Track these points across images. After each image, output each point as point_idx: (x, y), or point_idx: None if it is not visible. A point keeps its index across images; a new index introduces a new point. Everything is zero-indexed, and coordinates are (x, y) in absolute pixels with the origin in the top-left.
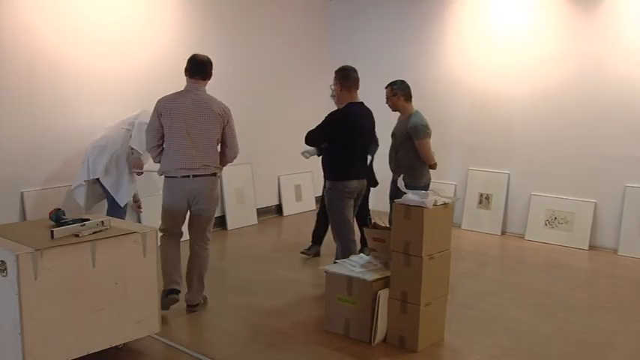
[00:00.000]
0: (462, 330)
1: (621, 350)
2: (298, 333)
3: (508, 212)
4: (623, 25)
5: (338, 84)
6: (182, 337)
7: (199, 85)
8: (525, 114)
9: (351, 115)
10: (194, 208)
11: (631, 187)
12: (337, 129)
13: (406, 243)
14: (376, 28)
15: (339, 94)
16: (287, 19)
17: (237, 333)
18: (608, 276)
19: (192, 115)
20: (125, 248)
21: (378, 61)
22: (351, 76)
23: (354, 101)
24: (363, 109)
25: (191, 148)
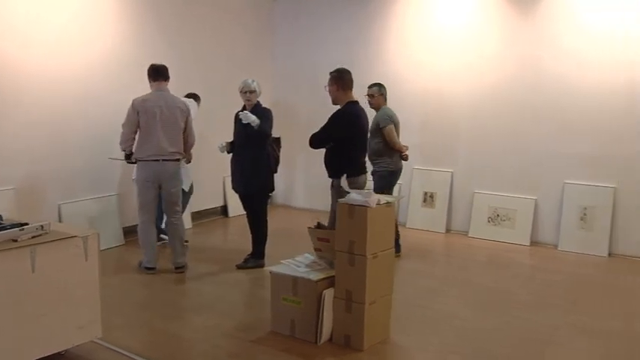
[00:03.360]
0: (408, 328)
1: (562, 344)
2: (244, 334)
3: (452, 210)
4: (560, 27)
5: (334, 85)
6: (125, 341)
7: (164, 86)
8: (468, 114)
9: (353, 112)
10: (164, 186)
11: (569, 183)
12: (343, 126)
13: (350, 242)
14: (321, 29)
15: (336, 95)
16: (230, 20)
17: (182, 335)
18: (549, 271)
19: (164, 111)
20: (66, 253)
21: (322, 61)
22: (347, 77)
23: (351, 100)
24: (360, 108)
25: (163, 139)
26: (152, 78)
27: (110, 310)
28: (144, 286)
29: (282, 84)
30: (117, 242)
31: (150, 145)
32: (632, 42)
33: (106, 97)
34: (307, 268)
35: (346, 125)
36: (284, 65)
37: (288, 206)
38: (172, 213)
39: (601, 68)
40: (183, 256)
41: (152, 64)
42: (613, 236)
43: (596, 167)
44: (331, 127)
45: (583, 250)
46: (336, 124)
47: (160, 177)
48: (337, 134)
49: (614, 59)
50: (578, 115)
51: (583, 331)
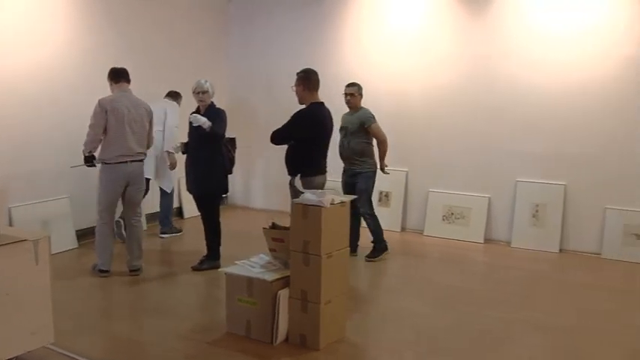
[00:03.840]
0: (364, 326)
1: (517, 339)
2: (200, 336)
3: (407, 209)
4: (510, 27)
5: (301, 85)
6: (78, 346)
7: (126, 87)
8: (422, 113)
9: (317, 113)
10: (130, 187)
11: (521, 181)
12: (304, 126)
13: (305, 242)
14: (275, 29)
15: (302, 95)
16: (184, 21)
17: (137, 339)
18: (503, 268)
19: (131, 111)
20: (16, 257)
21: (277, 62)
22: (313, 78)
23: (316, 101)
24: (325, 109)
25: (131, 139)
26: (114, 80)
27: (63, 314)
28: (98, 290)
29: (238, 84)
30: (70, 245)
31: (118, 146)
32: (581, 42)
33: (57, 99)
34: (262, 269)
35: (307, 125)
36: (239, 66)
37: (247, 207)
38: (134, 214)
39: (551, 68)
40: (140, 259)
41: (112, 68)
42: (564, 232)
43: (547, 165)
44: (292, 125)
45: (535, 247)
46: (298, 123)
47: (127, 178)
48: (298, 133)
49: (563, 59)
50: (530, 115)
51: (536, 327)
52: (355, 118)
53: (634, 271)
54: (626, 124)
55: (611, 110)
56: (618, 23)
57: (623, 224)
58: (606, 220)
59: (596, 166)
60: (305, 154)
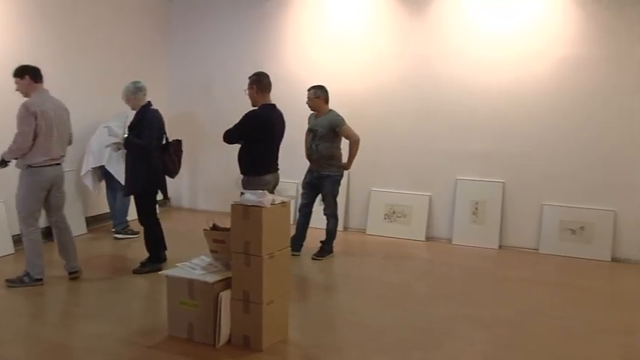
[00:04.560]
0: (307, 326)
1: (459, 334)
2: (141, 340)
3: (349, 208)
4: (449, 27)
5: (253, 87)
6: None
7: (44, 87)
8: (363, 113)
9: (267, 114)
10: (54, 190)
11: (461, 179)
12: (255, 127)
13: (246, 243)
14: (215, 30)
15: (254, 97)
16: (122, 20)
17: (77, 345)
18: (444, 265)
19: (56, 114)
20: None
21: (218, 63)
22: (264, 81)
23: (268, 102)
24: (276, 111)
25: (56, 142)
26: (34, 79)
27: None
28: (34, 296)
29: (180, 85)
30: (6, 251)
31: (46, 150)
32: (517, 43)
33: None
34: (203, 271)
35: (256, 126)
36: (181, 66)
37: (192, 209)
38: (62, 218)
39: (489, 68)
40: (77, 261)
41: (29, 65)
42: (503, 229)
43: (486, 163)
44: (242, 125)
45: (475, 244)
46: (247, 124)
47: (53, 181)
48: (246, 133)
49: (500, 59)
50: (468, 114)
51: (478, 322)
52: (325, 121)
53: (569, 265)
54: (561, 123)
55: (547, 109)
56: (552, 25)
57: (560, 220)
58: (543, 217)
59: (533, 163)
60: (256, 154)
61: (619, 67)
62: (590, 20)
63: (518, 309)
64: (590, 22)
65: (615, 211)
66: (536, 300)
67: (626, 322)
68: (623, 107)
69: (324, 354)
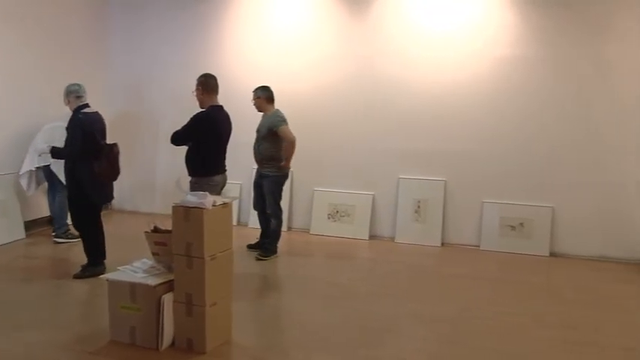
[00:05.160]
0: (251, 327)
1: (402, 331)
2: (82, 346)
3: (293, 208)
4: (390, 28)
5: (200, 89)
6: None
7: None
8: (306, 113)
9: (216, 116)
10: None
11: (403, 178)
12: (203, 128)
13: (188, 245)
14: (155, 28)
15: (201, 98)
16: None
17: (15, 352)
18: (388, 263)
19: None
20: None
21: (159, 61)
22: (211, 82)
23: (215, 104)
24: (224, 112)
25: None
26: None
27: None
28: None
29: (119, 86)
30: None
31: None
32: (456, 43)
33: None
34: (145, 274)
35: (205, 127)
36: (120, 67)
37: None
38: None
39: (429, 68)
40: None
41: None
42: (445, 227)
43: (428, 162)
44: (190, 127)
45: (418, 241)
46: (195, 125)
47: None
48: (195, 135)
49: (440, 59)
50: (410, 113)
51: (421, 319)
52: (266, 122)
53: (510, 260)
54: (501, 122)
55: (487, 109)
56: (490, 26)
57: (500, 217)
58: (484, 214)
59: (473, 162)
60: (205, 155)
61: (555, 68)
62: (525, 22)
63: (461, 305)
64: (526, 23)
65: (553, 207)
66: (478, 296)
67: (565, 316)
68: (560, 107)
69: (269, 355)
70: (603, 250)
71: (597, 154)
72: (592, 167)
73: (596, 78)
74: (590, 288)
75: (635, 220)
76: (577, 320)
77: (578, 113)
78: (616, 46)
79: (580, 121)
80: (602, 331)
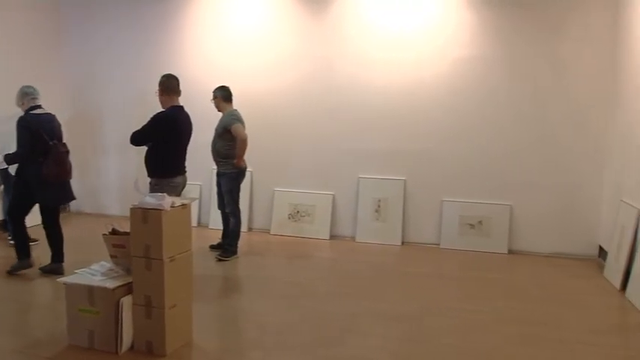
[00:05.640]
0: (211, 328)
1: (362, 330)
2: (39, 351)
3: (253, 208)
4: (349, 28)
5: (161, 89)
6: None
7: None
8: (265, 113)
9: (176, 116)
10: None
11: (363, 178)
12: (163, 128)
13: (146, 247)
14: (112, 28)
15: (161, 99)
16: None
17: None
18: (348, 262)
19: None
20: None
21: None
22: (172, 83)
23: (176, 105)
24: (184, 112)
25: None
26: None
27: None
28: None
29: (76, 87)
30: None
31: None
32: (415, 43)
33: None
34: (103, 277)
35: (164, 128)
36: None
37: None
38: None
39: (388, 68)
40: None
41: None
42: (405, 225)
43: (388, 161)
44: (149, 127)
45: (379, 241)
46: (155, 125)
47: None
48: (154, 135)
49: (399, 60)
50: (369, 113)
51: (381, 317)
52: (222, 121)
53: (469, 258)
54: (459, 121)
55: (445, 108)
56: (448, 26)
57: (459, 215)
58: (443, 212)
59: (432, 161)
60: (164, 156)
61: (512, 68)
62: (482, 22)
63: (422, 303)
64: (483, 23)
65: (511, 205)
66: (438, 294)
67: (524, 312)
68: (517, 107)
69: (229, 356)
70: (559, 247)
71: (553, 154)
72: (548, 166)
73: (551, 78)
74: (548, 284)
75: (590, 217)
76: (536, 316)
77: (534, 113)
78: (570, 46)
79: (537, 121)
80: (560, 326)
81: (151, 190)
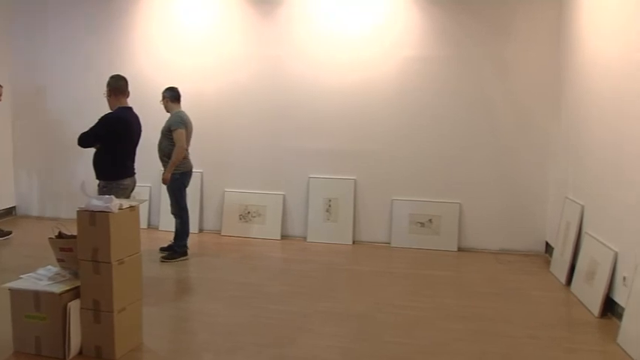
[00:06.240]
0: (161, 331)
1: (314, 329)
2: None
3: (204, 210)
4: (299, 29)
5: (109, 90)
6: None
7: None
8: (215, 113)
9: (124, 117)
10: None
11: (314, 178)
12: (111, 129)
13: (94, 250)
14: (59, 28)
15: (110, 100)
16: None
17: None
18: (299, 262)
19: None
20: None
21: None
22: (120, 84)
23: (124, 106)
24: (133, 113)
25: None
26: None
27: None
28: None
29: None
30: None
31: None
32: (364, 43)
33: None
34: (50, 281)
35: (113, 129)
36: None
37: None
38: None
39: (338, 68)
40: None
41: None
42: (356, 225)
43: (338, 161)
44: (97, 129)
45: (330, 240)
46: (102, 126)
47: None
48: (102, 136)
49: (349, 59)
50: (320, 113)
51: (332, 316)
52: (168, 121)
53: (419, 256)
54: (408, 121)
55: (394, 108)
56: (396, 26)
57: (409, 214)
58: (393, 211)
59: (382, 160)
60: (113, 158)
61: (459, 68)
62: (430, 22)
63: (373, 301)
64: (431, 24)
65: (460, 203)
66: (389, 292)
67: (473, 308)
68: (465, 107)
69: (180, 358)
70: (507, 244)
71: (500, 153)
72: (496, 165)
73: (498, 78)
74: (496, 280)
75: (536, 214)
76: (485, 312)
77: (482, 113)
78: (516, 47)
79: (484, 121)
80: (508, 321)
81: (100, 193)
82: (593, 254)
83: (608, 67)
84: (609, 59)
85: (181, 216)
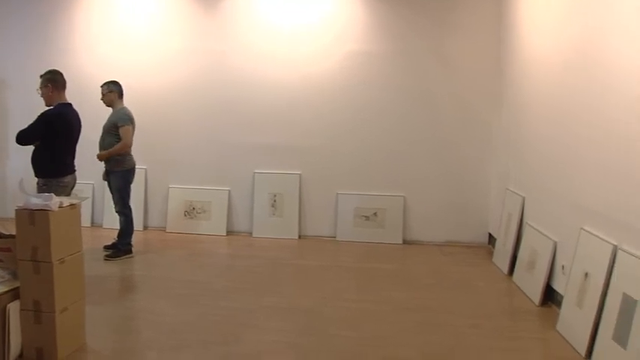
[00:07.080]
0: (105, 330)
1: (260, 324)
2: None
3: (148, 206)
4: (242, 23)
5: (48, 86)
6: None
7: None
8: (158, 109)
9: (64, 113)
10: None
11: (259, 173)
12: (52, 127)
13: (34, 249)
14: None
15: (49, 96)
16: None
17: None
18: (245, 258)
19: None
20: None
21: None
22: (59, 79)
23: (64, 102)
24: (73, 110)
25: None
26: None
27: None
28: None
29: None
30: None
31: None
32: (307, 37)
33: None
34: None
35: (53, 126)
36: None
37: None
38: None
39: (282, 63)
40: None
41: None
42: (301, 219)
43: (283, 156)
44: (37, 125)
45: (276, 235)
46: (42, 123)
47: None
48: (43, 133)
49: (292, 54)
50: (264, 108)
51: (278, 311)
52: (113, 117)
53: (365, 250)
54: (352, 116)
55: (338, 103)
56: (339, 21)
57: (354, 207)
58: (339, 205)
59: (327, 154)
60: (52, 155)
61: (403, 63)
62: (373, 17)
63: (319, 296)
64: (374, 18)
65: (404, 196)
66: (335, 286)
67: (419, 300)
68: (409, 101)
69: (124, 358)
70: (451, 236)
71: (443, 147)
72: (439, 158)
73: (441, 72)
74: (440, 272)
75: (479, 206)
76: (429, 303)
77: (425, 107)
78: (459, 41)
79: (427, 115)
80: (452, 312)
81: (39, 191)
82: (533, 244)
83: (548, 63)
84: (549, 54)
85: (125, 213)
